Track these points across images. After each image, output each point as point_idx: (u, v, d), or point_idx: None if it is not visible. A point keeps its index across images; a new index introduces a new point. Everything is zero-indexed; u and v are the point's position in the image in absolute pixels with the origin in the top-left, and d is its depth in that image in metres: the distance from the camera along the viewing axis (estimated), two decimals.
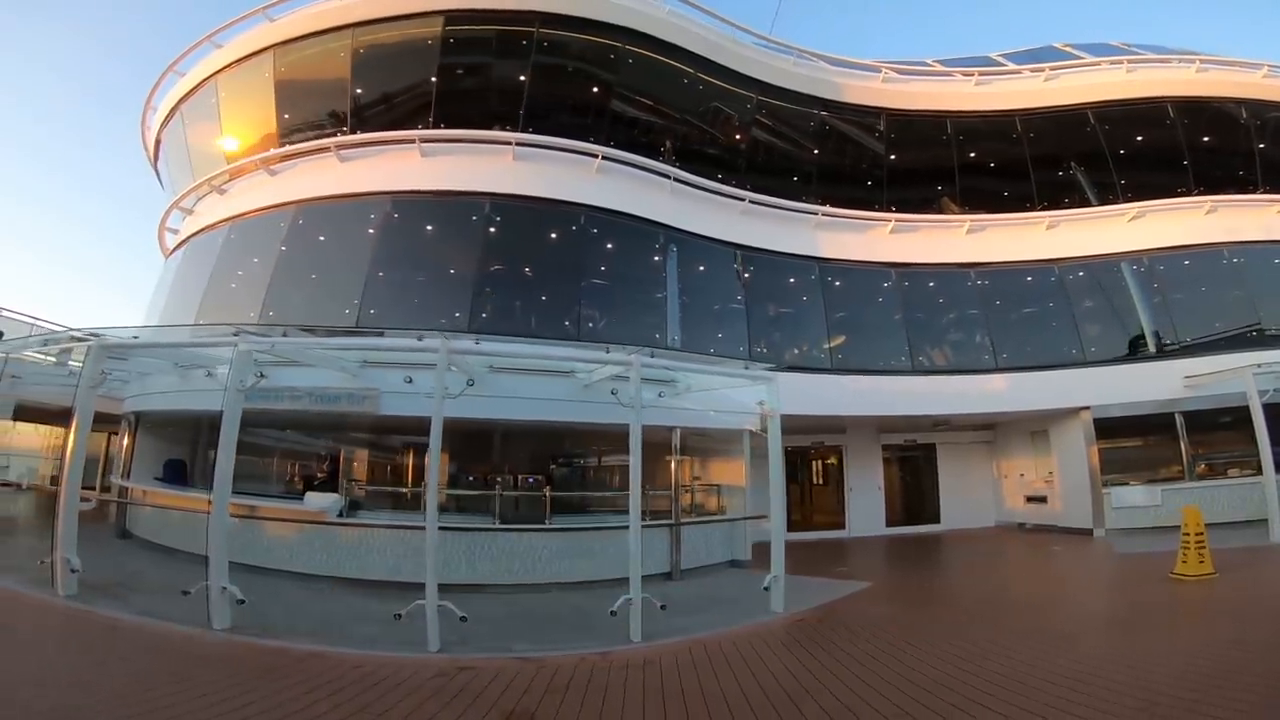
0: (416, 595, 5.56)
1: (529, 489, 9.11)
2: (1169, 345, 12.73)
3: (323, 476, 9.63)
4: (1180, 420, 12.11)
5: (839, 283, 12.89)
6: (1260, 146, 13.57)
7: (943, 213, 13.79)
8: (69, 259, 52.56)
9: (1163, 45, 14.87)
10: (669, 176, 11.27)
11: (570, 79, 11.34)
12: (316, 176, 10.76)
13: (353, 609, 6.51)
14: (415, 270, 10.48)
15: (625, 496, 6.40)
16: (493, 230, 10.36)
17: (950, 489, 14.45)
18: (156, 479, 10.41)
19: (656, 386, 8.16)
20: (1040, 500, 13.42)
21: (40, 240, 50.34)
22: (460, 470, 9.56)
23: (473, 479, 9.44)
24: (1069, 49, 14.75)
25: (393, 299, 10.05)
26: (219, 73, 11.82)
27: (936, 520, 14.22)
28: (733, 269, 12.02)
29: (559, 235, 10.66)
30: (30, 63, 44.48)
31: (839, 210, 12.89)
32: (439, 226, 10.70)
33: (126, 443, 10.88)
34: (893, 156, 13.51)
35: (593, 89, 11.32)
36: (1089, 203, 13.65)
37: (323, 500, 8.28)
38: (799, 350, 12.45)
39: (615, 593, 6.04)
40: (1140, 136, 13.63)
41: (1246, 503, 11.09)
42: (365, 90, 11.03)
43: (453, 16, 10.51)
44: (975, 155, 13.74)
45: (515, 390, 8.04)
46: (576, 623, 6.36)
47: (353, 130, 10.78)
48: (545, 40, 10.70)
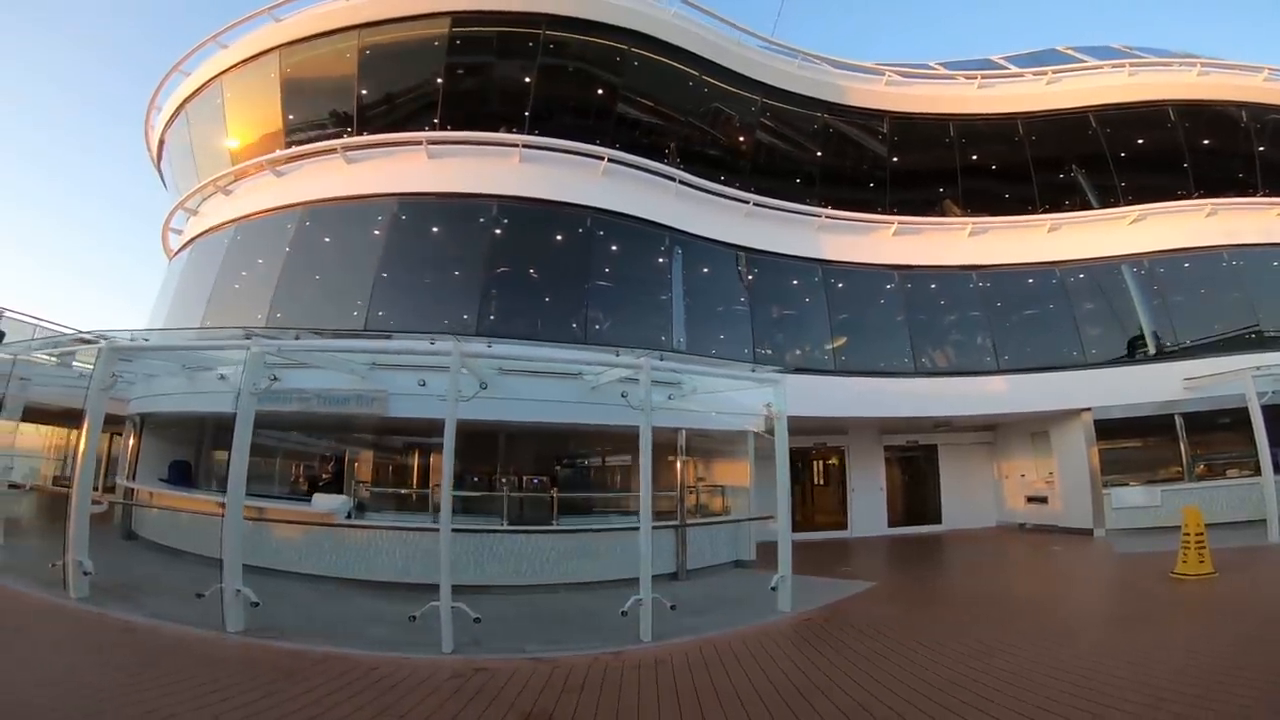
0: (425, 596, 5.60)
1: (535, 490, 9.16)
2: (1169, 347, 12.83)
3: (329, 478, 9.65)
4: (1180, 422, 12.21)
5: (842, 285, 12.95)
6: (1260, 150, 13.65)
7: (945, 215, 13.86)
8: (69, 263, 52.62)
9: (1164, 48, 14.98)
10: (674, 179, 11.31)
11: (576, 81, 11.37)
12: (323, 177, 10.78)
13: (363, 610, 6.54)
14: (422, 272, 10.46)
15: (630, 497, 6.47)
16: (499, 232, 10.38)
17: (951, 490, 14.53)
18: (161, 480, 10.42)
19: (664, 389, 8.22)
20: (1041, 501, 13.51)
21: (40, 245, 50.36)
22: (466, 471, 9.57)
23: (478, 480, 9.45)
24: (1071, 52, 14.84)
25: (400, 301, 10.04)
26: (224, 73, 11.81)
27: (938, 521, 14.31)
28: (737, 271, 12.07)
29: (565, 237, 10.69)
30: (30, 71, 44.45)
31: (842, 213, 12.95)
32: (446, 228, 10.71)
33: (132, 444, 10.88)
34: (895, 159, 13.57)
35: (598, 91, 11.36)
36: (1090, 205, 13.74)
37: (330, 502, 8.30)
38: (802, 352, 12.50)
39: (622, 593, 6.10)
40: (1141, 139, 13.71)
41: (1245, 503, 11.20)
42: (371, 91, 11.04)
43: (459, 18, 10.51)
44: (977, 158, 13.81)
45: (522, 392, 8.06)
46: (585, 623, 6.41)
47: (359, 131, 10.78)
48: (551, 42, 10.73)
